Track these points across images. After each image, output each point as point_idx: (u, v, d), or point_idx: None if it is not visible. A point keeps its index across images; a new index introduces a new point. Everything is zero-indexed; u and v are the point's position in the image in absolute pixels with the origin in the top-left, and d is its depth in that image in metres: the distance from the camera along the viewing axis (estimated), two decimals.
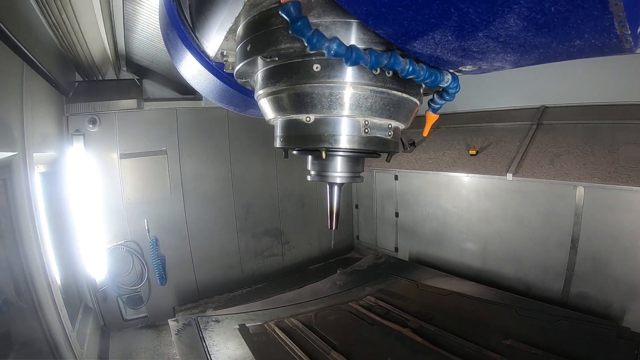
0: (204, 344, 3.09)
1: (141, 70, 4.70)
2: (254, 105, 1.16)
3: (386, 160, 1.21)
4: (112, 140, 4.37)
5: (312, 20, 0.80)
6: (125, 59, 4.34)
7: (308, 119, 0.95)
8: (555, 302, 3.76)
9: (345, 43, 0.77)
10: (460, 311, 3.57)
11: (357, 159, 1.10)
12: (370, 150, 1.02)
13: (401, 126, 1.06)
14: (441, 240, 5.16)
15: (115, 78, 4.66)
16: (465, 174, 4.59)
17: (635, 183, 3.17)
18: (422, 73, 0.84)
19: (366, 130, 0.95)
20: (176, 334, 3.24)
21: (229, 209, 5.32)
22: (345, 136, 0.95)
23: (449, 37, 0.67)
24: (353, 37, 0.84)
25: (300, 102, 0.94)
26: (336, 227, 1.11)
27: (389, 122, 0.99)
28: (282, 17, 0.75)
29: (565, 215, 3.76)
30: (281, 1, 0.75)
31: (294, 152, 1.12)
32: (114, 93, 4.42)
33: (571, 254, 3.74)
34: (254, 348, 3.01)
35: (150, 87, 4.98)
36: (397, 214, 5.83)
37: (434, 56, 0.78)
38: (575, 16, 0.52)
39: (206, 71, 1.27)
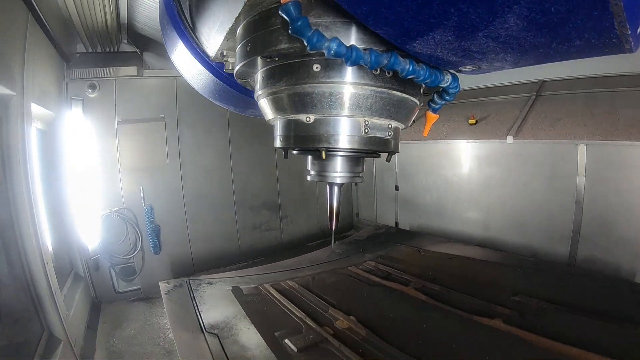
0: (194, 302, 2.98)
1: (142, 42, 4.68)
2: (254, 105, 1.16)
3: (386, 160, 1.21)
4: (111, 106, 4.33)
5: (312, 20, 0.80)
6: (127, 29, 4.31)
7: (308, 119, 0.95)
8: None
9: (345, 43, 0.77)
10: (466, 272, 3.38)
11: (357, 159, 1.10)
12: (370, 150, 1.02)
13: (401, 126, 1.06)
14: (442, 211, 5.02)
15: (116, 50, 4.66)
16: (466, 140, 4.51)
17: (637, 138, 3.09)
18: (422, 73, 0.84)
19: (366, 130, 0.95)
20: (166, 294, 3.11)
21: (227, 180, 5.23)
22: (345, 136, 0.95)
23: (449, 37, 0.67)
24: (353, 37, 0.83)
25: (300, 102, 0.94)
26: (336, 227, 1.11)
27: (389, 122, 0.99)
28: (282, 17, 0.75)
29: (568, 176, 3.64)
30: (281, 1, 0.74)
31: (294, 152, 1.11)
32: (114, 63, 4.42)
33: (576, 215, 3.60)
34: (246, 307, 2.89)
35: (151, 59, 4.91)
36: (397, 187, 5.68)
37: (434, 56, 0.78)
38: (575, 16, 0.52)
39: (206, 71, 1.27)
